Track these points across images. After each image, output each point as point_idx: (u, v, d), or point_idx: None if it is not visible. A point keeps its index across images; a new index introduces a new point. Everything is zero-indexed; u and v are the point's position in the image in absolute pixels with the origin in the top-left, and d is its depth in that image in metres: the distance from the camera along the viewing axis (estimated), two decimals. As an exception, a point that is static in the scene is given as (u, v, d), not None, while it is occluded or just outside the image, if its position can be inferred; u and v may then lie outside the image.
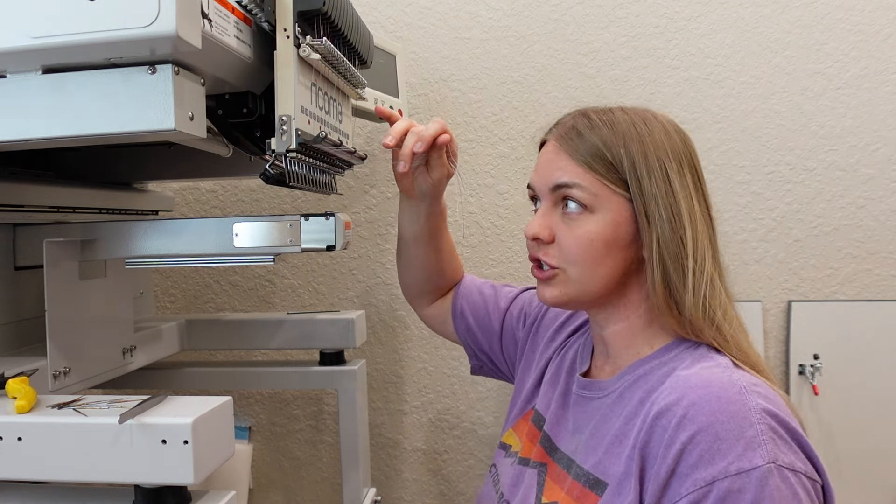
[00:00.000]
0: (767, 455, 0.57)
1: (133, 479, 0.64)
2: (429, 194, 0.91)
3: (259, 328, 1.26)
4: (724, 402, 0.60)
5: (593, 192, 0.69)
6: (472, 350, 1.03)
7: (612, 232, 0.69)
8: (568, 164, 0.71)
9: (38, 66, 0.60)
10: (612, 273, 0.70)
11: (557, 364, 0.87)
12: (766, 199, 1.47)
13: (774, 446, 0.58)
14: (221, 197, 1.58)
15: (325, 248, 0.82)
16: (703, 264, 0.67)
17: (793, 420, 0.61)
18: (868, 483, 1.44)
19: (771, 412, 0.60)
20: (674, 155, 0.69)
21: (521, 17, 1.49)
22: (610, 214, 0.69)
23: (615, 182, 0.69)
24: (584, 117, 0.73)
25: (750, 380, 0.63)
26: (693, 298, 0.66)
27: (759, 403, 0.60)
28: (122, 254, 0.85)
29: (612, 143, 0.69)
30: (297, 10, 0.71)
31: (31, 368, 0.78)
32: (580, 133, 0.72)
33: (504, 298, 1.00)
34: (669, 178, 0.68)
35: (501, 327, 0.98)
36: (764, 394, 0.62)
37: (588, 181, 0.69)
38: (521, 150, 1.50)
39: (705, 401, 0.60)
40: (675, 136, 0.71)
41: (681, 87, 1.47)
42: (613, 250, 0.69)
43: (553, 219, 0.72)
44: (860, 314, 1.44)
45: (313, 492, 1.61)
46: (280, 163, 0.75)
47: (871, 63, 1.43)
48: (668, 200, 0.67)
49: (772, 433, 0.59)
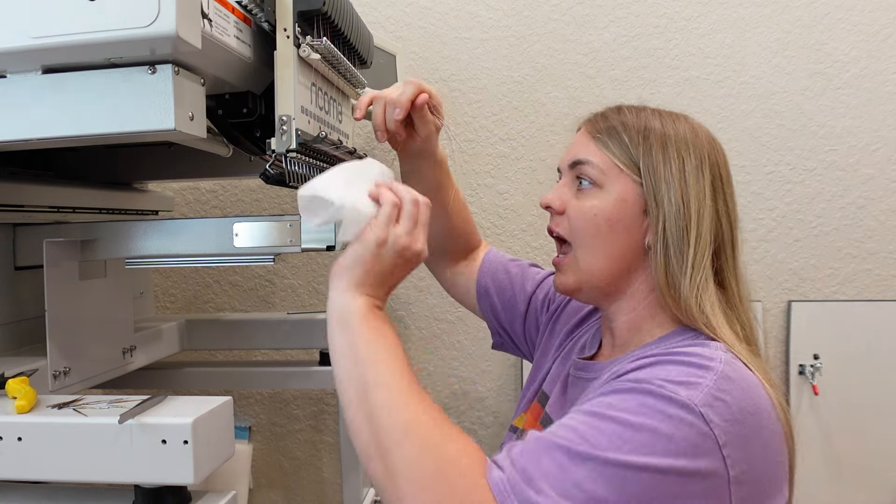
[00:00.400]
0: (694, 397, 0.57)
1: (133, 479, 0.64)
2: (422, 150, 0.91)
3: (259, 328, 1.26)
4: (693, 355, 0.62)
5: (602, 170, 0.72)
6: (495, 328, 1.03)
7: (617, 210, 0.71)
8: (587, 143, 0.74)
9: (38, 66, 0.60)
10: (614, 254, 0.72)
11: (568, 350, 0.88)
12: (766, 199, 1.47)
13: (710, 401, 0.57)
14: (221, 197, 1.58)
15: (325, 248, 0.82)
16: (702, 259, 0.69)
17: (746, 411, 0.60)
18: (868, 483, 1.44)
19: (723, 388, 0.59)
20: (695, 152, 0.72)
21: (521, 17, 1.49)
22: (616, 193, 0.71)
23: (626, 163, 0.71)
24: (616, 109, 0.76)
25: (733, 359, 0.64)
26: (689, 286, 0.68)
27: (723, 371, 0.61)
28: (122, 254, 0.85)
29: (631, 127, 0.72)
30: (297, 10, 0.71)
31: (31, 368, 0.78)
32: (606, 117, 0.75)
33: (531, 281, 1.00)
34: (685, 171, 0.70)
35: (526, 310, 0.98)
36: (737, 372, 0.62)
37: (599, 158, 0.72)
38: (521, 150, 1.50)
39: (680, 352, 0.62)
40: (704, 139, 0.74)
41: (681, 87, 1.47)
42: (616, 229, 0.71)
43: (567, 192, 0.75)
44: (860, 314, 1.44)
45: (313, 492, 1.61)
46: (280, 163, 0.75)
47: (871, 63, 1.43)
48: (680, 190, 0.70)
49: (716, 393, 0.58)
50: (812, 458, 1.44)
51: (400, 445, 0.57)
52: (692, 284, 0.68)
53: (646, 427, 0.56)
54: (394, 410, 0.59)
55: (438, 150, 0.92)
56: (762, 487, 0.61)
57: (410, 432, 0.58)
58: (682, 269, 0.68)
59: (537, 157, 1.50)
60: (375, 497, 1.31)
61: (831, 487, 1.44)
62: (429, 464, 0.57)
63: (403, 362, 0.62)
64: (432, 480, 0.56)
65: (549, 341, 0.93)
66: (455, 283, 1.04)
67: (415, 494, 0.56)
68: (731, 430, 0.58)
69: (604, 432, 0.56)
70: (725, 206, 0.73)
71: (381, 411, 0.59)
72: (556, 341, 0.92)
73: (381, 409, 0.59)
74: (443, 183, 0.95)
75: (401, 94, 0.82)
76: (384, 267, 0.64)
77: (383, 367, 0.61)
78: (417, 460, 0.57)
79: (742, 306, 0.72)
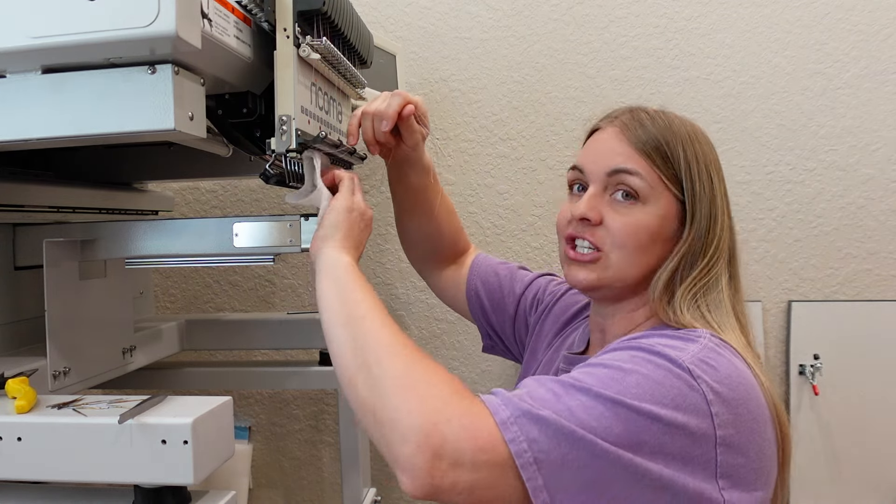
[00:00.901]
0: (681, 357, 0.59)
1: (133, 479, 0.64)
2: (408, 158, 0.92)
3: (259, 328, 1.26)
4: (675, 339, 0.64)
5: (650, 184, 0.71)
6: (485, 330, 1.04)
7: (658, 225, 0.71)
8: (629, 152, 0.72)
9: (38, 66, 0.60)
10: (649, 265, 0.72)
11: (557, 347, 0.89)
12: (766, 199, 1.47)
13: (698, 363, 0.59)
14: (221, 197, 1.58)
15: (324, 247, 0.82)
16: (714, 265, 0.71)
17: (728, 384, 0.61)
18: (868, 483, 1.44)
19: (708, 360, 0.61)
20: (715, 165, 0.74)
21: (521, 17, 1.49)
22: (658, 208, 0.71)
23: (670, 178, 0.71)
24: (644, 111, 0.76)
25: (719, 342, 0.65)
26: (683, 291, 0.70)
27: (707, 344, 0.63)
28: (122, 254, 0.85)
29: (671, 141, 0.72)
30: (297, 10, 0.71)
31: (31, 368, 0.78)
32: (643, 124, 0.73)
33: (520, 283, 1.00)
34: (713, 185, 0.72)
35: (515, 311, 0.99)
36: (718, 352, 0.63)
37: (647, 171, 0.71)
38: (521, 150, 1.50)
39: (660, 331, 0.66)
40: (713, 147, 0.76)
41: (681, 87, 1.47)
42: (656, 243, 0.71)
43: (600, 202, 0.73)
44: (860, 314, 1.44)
45: (313, 492, 1.61)
46: (280, 163, 0.75)
47: (871, 63, 1.43)
48: (712, 206, 0.71)
49: (704, 359, 0.61)
50: (812, 458, 1.44)
51: (387, 359, 0.61)
52: (687, 292, 0.70)
53: (636, 372, 0.58)
54: (379, 335, 0.63)
55: (425, 157, 0.93)
56: (751, 462, 0.60)
57: (396, 351, 0.61)
58: (684, 277, 0.70)
59: (537, 157, 1.50)
60: (376, 497, 1.31)
61: (831, 487, 1.44)
62: (416, 374, 0.59)
63: (384, 308, 0.67)
64: (420, 387, 0.58)
65: (538, 341, 0.94)
66: (445, 287, 1.05)
67: (402, 400, 0.57)
68: (718, 390, 0.59)
69: (595, 375, 0.59)
70: (728, 209, 0.75)
71: (367, 336, 0.63)
72: (545, 341, 0.92)
73: (367, 334, 0.63)
74: (429, 188, 0.96)
75: (387, 107, 0.83)
76: (353, 229, 0.75)
77: (367, 305, 0.67)
78: (404, 370, 0.59)
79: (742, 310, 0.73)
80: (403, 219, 1.00)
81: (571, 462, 0.55)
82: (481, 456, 0.54)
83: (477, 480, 0.54)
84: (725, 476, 0.58)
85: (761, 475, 0.62)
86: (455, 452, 0.54)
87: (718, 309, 0.69)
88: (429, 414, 0.55)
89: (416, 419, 0.55)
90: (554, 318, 0.94)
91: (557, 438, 0.55)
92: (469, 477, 0.54)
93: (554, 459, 0.55)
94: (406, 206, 0.98)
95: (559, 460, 0.55)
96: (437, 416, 0.55)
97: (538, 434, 0.55)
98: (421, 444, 0.54)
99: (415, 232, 1.01)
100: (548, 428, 0.55)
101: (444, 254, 1.04)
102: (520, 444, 0.54)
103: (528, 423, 0.55)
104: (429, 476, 0.54)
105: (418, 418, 0.55)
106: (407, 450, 0.55)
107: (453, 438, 0.54)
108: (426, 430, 0.54)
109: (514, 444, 0.54)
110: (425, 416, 0.55)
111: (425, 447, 0.54)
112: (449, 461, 0.54)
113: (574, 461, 0.55)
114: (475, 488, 0.55)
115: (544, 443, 0.55)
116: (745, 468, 0.60)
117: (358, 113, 0.86)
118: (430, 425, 0.55)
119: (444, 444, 0.54)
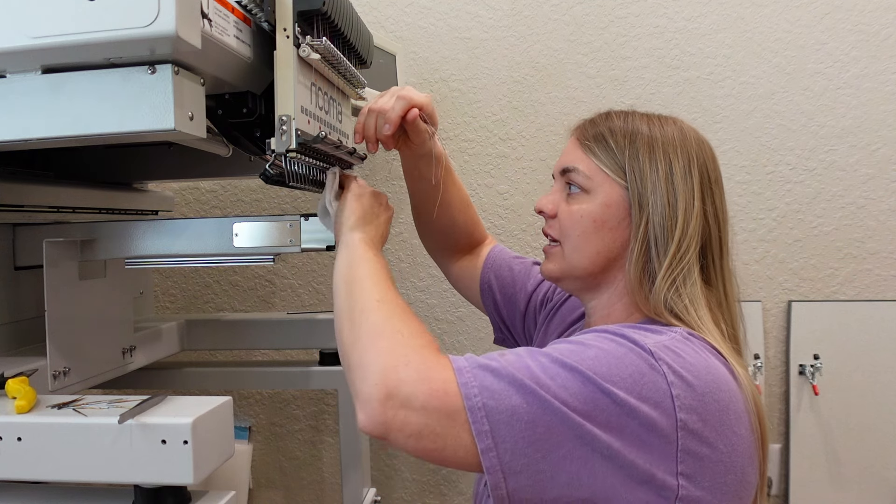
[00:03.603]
0: (647, 342, 0.61)
1: (133, 479, 0.64)
2: (417, 152, 0.92)
3: (259, 328, 1.26)
4: (647, 326, 0.66)
5: (588, 176, 0.74)
6: (497, 323, 1.05)
7: (602, 212, 0.74)
8: (575, 151, 0.77)
9: (38, 66, 0.60)
10: (598, 252, 0.74)
11: None
12: (766, 199, 1.47)
13: (664, 352, 0.60)
14: (221, 197, 1.58)
15: (325, 248, 0.82)
16: (685, 254, 0.70)
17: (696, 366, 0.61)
18: (868, 483, 1.44)
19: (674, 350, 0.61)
20: (683, 154, 0.73)
21: (521, 17, 1.49)
22: (602, 197, 0.74)
23: (612, 169, 0.73)
24: (605, 115, 0.79)
25: (685, 338, 0.65)
26: (661, 279, 0.70)
27: (677, 336, 0.64)
28: (122, 254, 0.85)
29: (618, 132, 0.74)
30: (297, 10, 0.71)
31: (31, 368, 0.78)
32: (594, 123, 0.78)
33: (533, 279, 1.01)
34: (672, 172, 0.72)
35: (526, 307, 1.00)
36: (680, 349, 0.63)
37: (585, 165, 0.75)
38: (521, 150, 1.50)
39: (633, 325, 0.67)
40: (692, 140, 0.75)
41: (681, 87, 1.47)
42: (601, 230, 0.74)
43: (559, 197, 0.78)
44: (860, 314, 1.44)
45: (313, 492, 1.61)
46: (280, 163, 0.75)
47: (871, 63, 1.43)
48: (667, 192, 0.71)
49: (670, 352, 0.61)
50: (812, 458, 1.44)
51: (371, 311, 0.66)
52: (665, 281, 0.69)
53: (596, 347, 0.60)
54: (371, 291, 0.68)
55: (436, 147, 0.93)
56: (720, 455, 0.59)
57: (381, 306, 0.66)
58: (659, 266, 0.70)
59: (537, 157, 1.50)
60: (375, 497, 1.31)
61: (831, 487, 1.44)
62: (392, 325, 0.64)
63: (386, 272, 0.73)
64: (392, 335, 0.63)
65: (543, 340, 0.94)
66: (460, 276, 1.06)
67: (372, 344, 0.62)
68: (681, 374, 0.59)
69: (559, 349, 0.61)
70: (714, 206, 0.74)
71: (361, 292, 0.69)
72: (550, 340, 0.92)
73: (361, 291, 0.69)
74: (444, 179, 0.96)
75: (391, 110, 0.82)
76: (366, 208, 0.79)
77: (368, 267, 0.72)
78: (383, 321, 0.65)
79: (728, 305, 0.73)
80: (418, 209, 1.00)
81: (521, 415, 0.56)
82: (433, 401, 0.57)
83: (426, 426, 0.57)
84: (685, 462, 0.57)
85: (732, 472, 0.60)
86: (408, 394, 0.58)
87: (698, 300, 0.70)
88: (391, 357, 0.60)
89: (380, 360, 0.60)
90: (561, 318, 0.94)
91: (510, 389, 0.57)
92: (418, 420, 0.57)
93: (504, 408, 0.57)
94: (420, 197, 0.99)
95: (509, 410, 0.57)
96: (399, 359, 0.60)
97: (491, 382, 0.58)
98: (378, 383, 0.58)
99: (429, 223, 1.01)
100: (502, 378, 0.58)
101: (459, 245, 1.05)
102: (471, 388, 0.58)
103: (482, 373, 0.58)
104: (381, 413, 0.58)
105: (382, 359, 0.60)
106: (366, 387, 0.59)
107: (409, 380, 0.58)
108: (386, 370, 0.59)
109: (465, 388, 0.58)
110: (388, 358, 0.60)
111: (381, 385, 0.58)
112: (401, 400, 0.58)
113: (524, 414, 0.56)
114: (423, 434, 0.57)
115: (496, 391, 0.57)
116: (712, 461, 0.59)
117: (365, 109, 0.86)
118: (391, 367, 0.59)
119: (400, 384, 0.58)
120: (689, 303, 0.69)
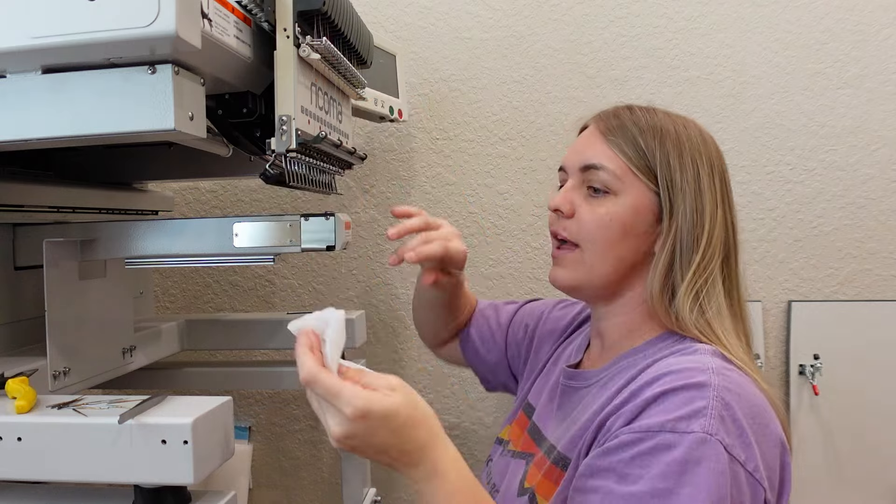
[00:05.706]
0: (707, 426, 0.57)
1: (133, 479, 0.64)
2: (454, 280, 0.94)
3: (259, 328, 1.25)
4: (687, 374, 0.61)
5: (618, 176, 0.70)
6: (482, 374, 1.06)
7: (631, 217, 0.70)
8: (601, 147, 0.72)
9: (38, 66, 0.60)
10: (622, 259, 0.71)
11: (555, 359, 0.88)
12: (766, 199, 1.47)
13: (720, 423, 0.58)
14: (221, 197, 1.58)
15: (324, 248, 0.82)
16: (708, 263, 0.68)
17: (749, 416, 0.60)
18: (868, 483, 1.44)
19: (726, 401, 0.59)
20: (706, 159, 0.71)
21: (521, 17, 1.49)
22: (631, 200, 0.70)
23: (643, 170, 0.70)
24: (628, 108, 0.75)
25: (723, 365, 0.63)
26: (685, 291, 0.67)
27: (720, 384, 0.60)
28: (122, 254, 0.85)
29: (648, 133, 0.71)
30: (297, 10, 0.71)
31: (31, 368, 0.78)
32: (620, 120, 0.73)
33: (505, 314, 1.01)
34: (700, 178, 0.70)
35: (505, 342, 1.00)
36: (731, 379, 0.62)
37: (615, 164, 0.70)
38: (521, 150, 1.50)
39: (673, 373, 0.62)
40: (711, 144, 0.74)
41: (681, 87, 1.47)
42: (629, 236, 0.70)
43: (576, 195, 0.74)
44: (860, 314, 1.44)
45: (313, 492, 1.60)
46: (280, 163, 0.75)
47: (871, 63, 1.43)
48: (695, 198, 0.69)
49: (722, 412, 0.59)
50: (812, 458, 1.44)
51: None
52: (689, 293, 0.67)
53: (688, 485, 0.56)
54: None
55: (461, 273, 0.95)
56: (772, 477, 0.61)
57: None
58: (683, 274, 0.68)
59: (537, 157, 1.50)
60: (375, 497, 1.31)
61: (831, 487, 1.44)
62: None
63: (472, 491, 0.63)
64: None
65: (536, 358, 0.94)
66: (448, 353, 1.09)
67: None
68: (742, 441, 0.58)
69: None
70: (731, 212, 0.73)
71: None
72: (543, 356, 0.92)
73: None
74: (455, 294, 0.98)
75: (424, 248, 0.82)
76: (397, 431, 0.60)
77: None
78: None
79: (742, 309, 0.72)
80: (422, 309, 1.03)
81: None
82: None
83: None
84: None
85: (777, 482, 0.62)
86: None
87: (721, 313, 0.68)
88: None
89: None
90: (547, 333, 0.94)
91: None
92: None
93: None
94: (425, 301, 1.01)
95: None
96: None
97: None
98: None
99: (428, 322, 1.04)
100: None
101: (451, 336, 1.07)
102: None
103: None
104: None
105: None
106: None
107: None
108: None
109: None
110: None
111: None
112: None
113: None
114: None
115: None
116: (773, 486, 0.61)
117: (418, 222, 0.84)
118: None
119: None
120: (712, 316, 0.67)
